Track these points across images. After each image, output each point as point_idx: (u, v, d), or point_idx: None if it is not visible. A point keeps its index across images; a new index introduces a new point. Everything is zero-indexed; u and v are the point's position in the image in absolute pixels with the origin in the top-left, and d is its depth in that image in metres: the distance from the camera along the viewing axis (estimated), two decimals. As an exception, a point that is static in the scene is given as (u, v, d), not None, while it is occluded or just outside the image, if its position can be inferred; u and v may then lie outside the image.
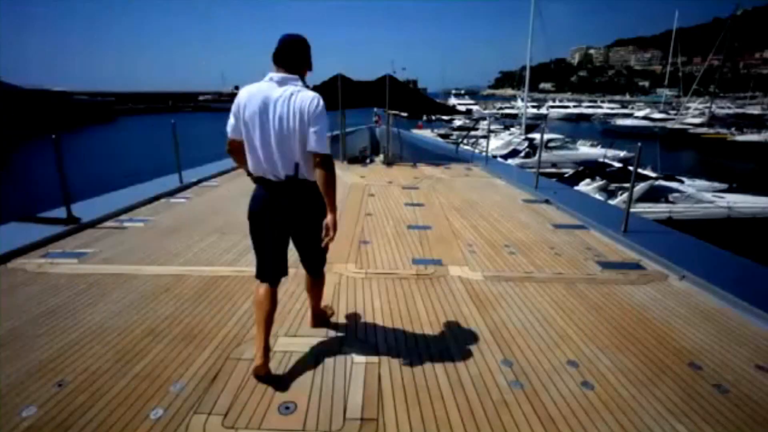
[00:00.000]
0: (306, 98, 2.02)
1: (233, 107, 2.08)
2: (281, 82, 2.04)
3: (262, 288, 2.21)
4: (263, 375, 2.11)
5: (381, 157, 9.99)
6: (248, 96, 2.04)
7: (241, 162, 2.18)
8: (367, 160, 9.88)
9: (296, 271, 3.43)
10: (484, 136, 13.83)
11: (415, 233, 4.62)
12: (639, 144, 4.44)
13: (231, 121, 2.10)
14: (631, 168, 4.57)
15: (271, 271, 2.22)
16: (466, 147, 13.41)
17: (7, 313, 2.79)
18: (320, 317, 2.71)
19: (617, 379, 2.22)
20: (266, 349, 2.13)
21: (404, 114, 16.93)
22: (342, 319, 2.78)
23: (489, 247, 4.22)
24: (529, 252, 4.09)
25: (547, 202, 6.04)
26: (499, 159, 13.70)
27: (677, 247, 4.04)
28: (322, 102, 2.05)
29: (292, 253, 2.29)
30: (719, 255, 3.91)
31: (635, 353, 2.45)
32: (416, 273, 3.55)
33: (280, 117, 2.00)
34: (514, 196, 6.52)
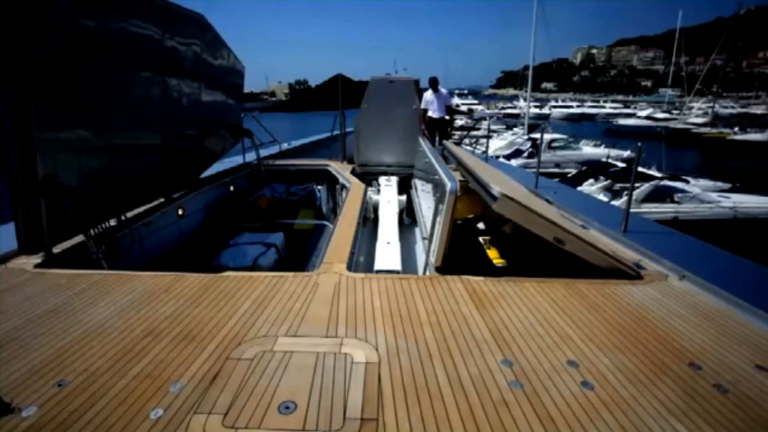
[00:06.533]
0: None
1: None
2: None
3: None
4: None
5: None
6: None
7: None
8: None
9: (295, 273, 3.45)
10: (484, 136, 13.82)
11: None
12: (640, 144, 4.43)
13: None
14: None
15: None
16: (467, 147, 13.40)
17: (7, 313, 2.80)
18: None
19: (617, 379, 2.22)
20: None
21: None
22: (342, 319, 2.78)
23: None
24: None
25: (547, 202, 6.03)
26: (502, 159, 13.67)
27: (677, 247, 4.03)
28: None
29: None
30: (719, 255, 3.90)
31: (635, 353, 2.45)
32: (416, 272, 3.55)
33: None
34: None
